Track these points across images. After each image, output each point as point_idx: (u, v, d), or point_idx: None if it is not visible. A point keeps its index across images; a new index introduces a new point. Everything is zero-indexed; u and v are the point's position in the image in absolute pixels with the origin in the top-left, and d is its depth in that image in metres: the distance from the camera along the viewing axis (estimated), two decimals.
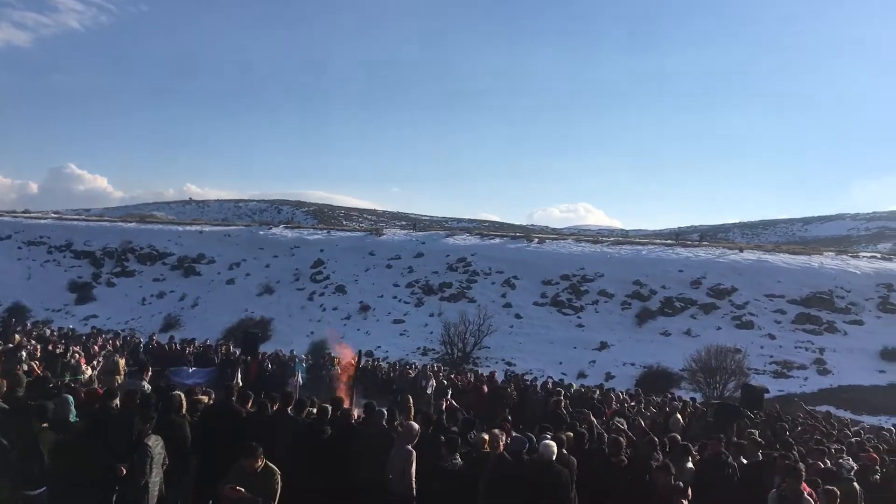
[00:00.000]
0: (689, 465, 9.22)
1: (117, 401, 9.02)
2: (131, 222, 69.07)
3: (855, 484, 9.05)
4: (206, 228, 64.61)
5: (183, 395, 9.29)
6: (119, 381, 14.60)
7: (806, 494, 7.70)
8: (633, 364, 38.08)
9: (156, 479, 7.54)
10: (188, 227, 64.99)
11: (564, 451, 8.55)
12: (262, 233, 61.88)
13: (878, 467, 9.94)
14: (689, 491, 7.77)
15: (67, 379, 13.66)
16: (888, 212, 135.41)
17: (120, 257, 56.58)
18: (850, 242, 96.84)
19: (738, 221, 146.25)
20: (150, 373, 12.87)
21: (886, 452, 11.48)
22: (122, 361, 16.54)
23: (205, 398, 10.08)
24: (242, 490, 6.81)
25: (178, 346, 23.02)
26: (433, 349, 40.61)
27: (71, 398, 8.51)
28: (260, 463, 7.09)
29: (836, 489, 7.69)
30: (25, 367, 12.80)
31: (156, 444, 7.52)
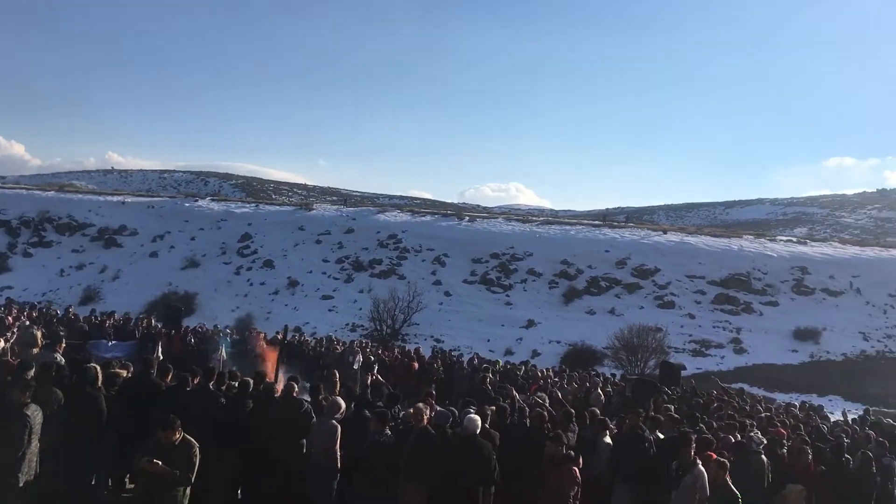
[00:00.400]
0: (607, 439, 9.45)
1: (31, 373, 8.71)
2: (49, 191, 66.32)
3: (763, 457, 9.42)
4: (129, 199, 62.68)
5: (98, 368, 9.02)
6: (32, 353, 14.08)
7: (699, 465, 7.99)
8: (558, 342, 38.80)
9: (34, 449, 7.28)
10: (110, 198, 62.89)
11: (487, 426, 8.66)
12: (187, 205, 60.35)
13: (784, 441, 10.39)
14: (580, 459, 8.00)
15: None
16: (805, 197, 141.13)
17: (37, 227, 54.40)
18: (768, 226, 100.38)
19: (663, 204, 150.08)
20: (63, 345, 12.43)
21: (793, 427, 12.01)
22: (39, 334, 15.95)
23: (123, 372, 9.80)
24: (160, 463, 6.65)
25: (98, 319, 22.31)
26: (362, 325, 40.53)
27: None
28: (178, 435, 6.93)
29: (726, 461, 7.98)
30: None
31: (35, 413, 7.23)
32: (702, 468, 7.95)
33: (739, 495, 7.80)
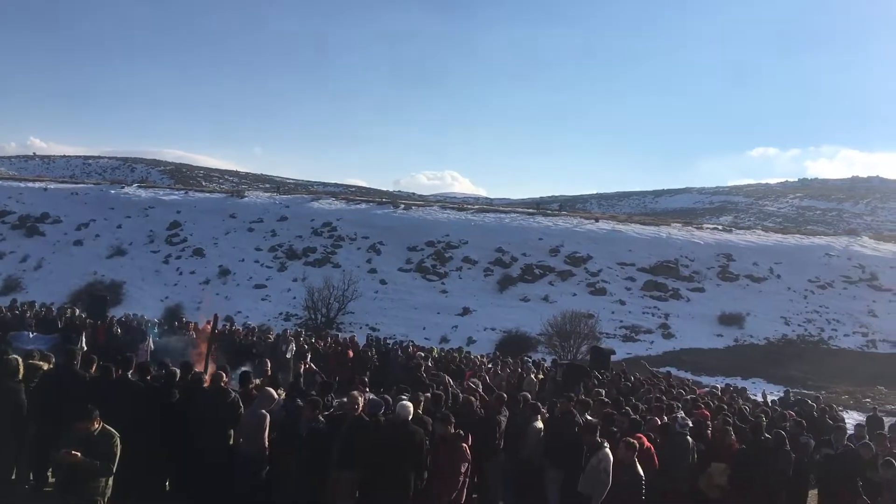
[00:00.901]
0: (538, 423, 9.58)
1: None
2: None
3: (688, 438, 9.73)
4: (52, 186, 60.46)
5: (20, 360, 8.70)
6: None
7: (606, 448, 8.25)
8: (493, 329, 39.16)
9: None
10: (31, 184, 60.57)
11: (420, 412, 8.69)
12: (113, 192, 58.54)
13: (709, 422, 10.73)
14: (470, 438, 8.14)
15: None
16: (730, 186, 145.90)
17: None
18: (695, 215, 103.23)
19: (595, 193, 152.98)
20: None
21: (717, 409, 12.41)
22: None
23: (44, 364, 9.46)
24: (78, 454, 6.47)
25: (19, 310, 21.50)
26: (296, 314, 40.12)
27: None
28: (96, 425, 6.75)
29: (634, 441, 8.23)
30: None
31: None
32: (607, 451, 8.21)
33: (643, 476, 8.05)
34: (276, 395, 8.79)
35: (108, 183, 68.19)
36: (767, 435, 10.16)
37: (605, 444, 8.35)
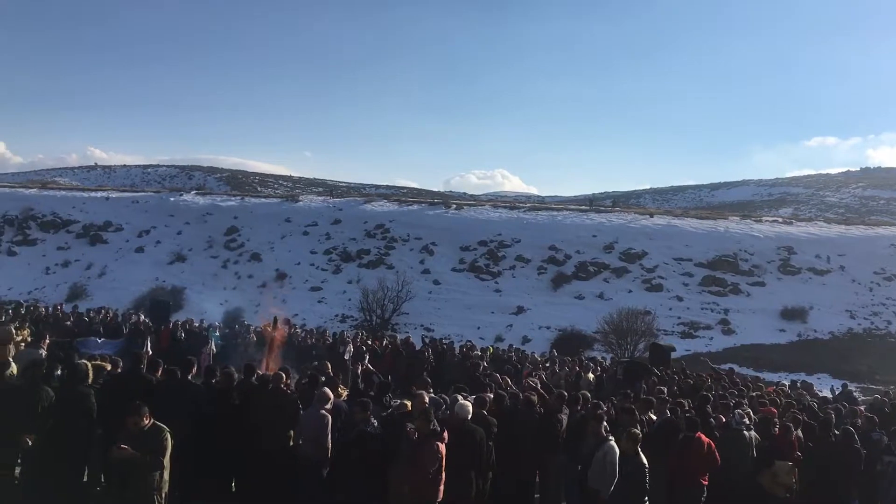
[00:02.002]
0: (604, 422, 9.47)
1: (12, 371, 8.69)
2: (32, 188, 65.71)
3: (745, 433, 9.54)
4: (114, 195, 62.19)
5: (89, 365, 8.99)
6: (12, 352, 13.98)
7: (611, 440, 8.15)
8: (548, 327, 38.89)
9: None
10: (94, 194, 62.37)
11: (485, 413, 8.68)
12: (172, 199, 59.92)
13: (776, 420, 10.48)
14: (445, 434, 7.93)
15: None
16: (789, 178, 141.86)
17: (21, 225, 53.85)
18: (753, 207, 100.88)
19: (649, 188, 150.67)
20: (47, 342, 12.37)
21: (786, 406, 12.12)
22: (14, 330, 15.85)
23: (107, 365, 9.75)
24: (128, 448, 6.71)
25: (87, 317, 22.21)
26: (352, 316, 40.49)
27: None
28: (146, 421, 6.99)
29: (638, 432, 8.08)
30: None
31: None
32: (612, 444, 8.13)
33: (647, 465, 7.95)
34: (331, 395, 8.90)
35: (168, 191, 69.88)
36: (836, 432, 9.89)
37: (611, 436, 8.26)
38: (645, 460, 7.94)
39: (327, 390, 8.97)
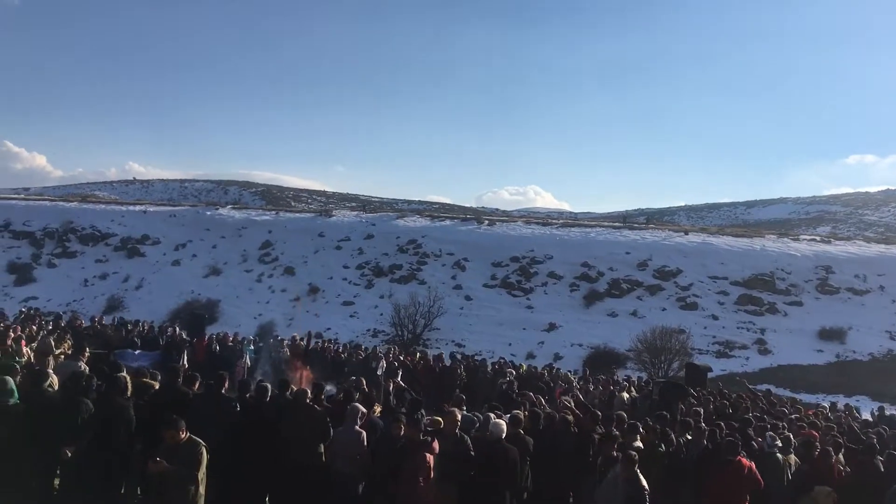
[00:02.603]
0: (638, 443, 9.35)
1: (52, 382, 8.81)
2: (72, 202, 67.07)
3: (779, 456, 9.33)
4: (151, 209, 63.24)
5: (128, 378, 9.10)
6: (51, 363, 14.21)
7: (624, 462, 7.91)
8: (580, 345, 38.61)
9: None
10: (132, 208, 63.51)
11: (521, 431, 8.61)
12: (208, 213, 60.78)
13: (817, 443, 10.24)
14: (435, 445, 7.90)
15: (4, 360, 13.20)
16: (827, 196, 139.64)
17: (61, 238, 55.01)
18: (790, 225, 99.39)
19: (683, 205, 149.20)
20: (87, 354, 12.54)
21: (827, 429, 11.85)
22: (53, 342, 16.12)
23: (154, 383, 9.86)
24: (163, 462, 6.79)
25: (124, 329, 22.49)
26: (383, 331, 40.57)
27: (10, 380, 8.24)
28: (183, 435, 7.06)
29: (635, 454, 7.83)
30: None
31: None
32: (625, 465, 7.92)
33: (647, 488, 7.70)
34: (363, 411, 8.89)
35: (204, 205, 70.82)
36: (880, 457, 9.63)
37: (619, 458, 8.11)
38: (645, 483, 7.74)
39: (359, 406, 8.97)
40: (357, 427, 8.58)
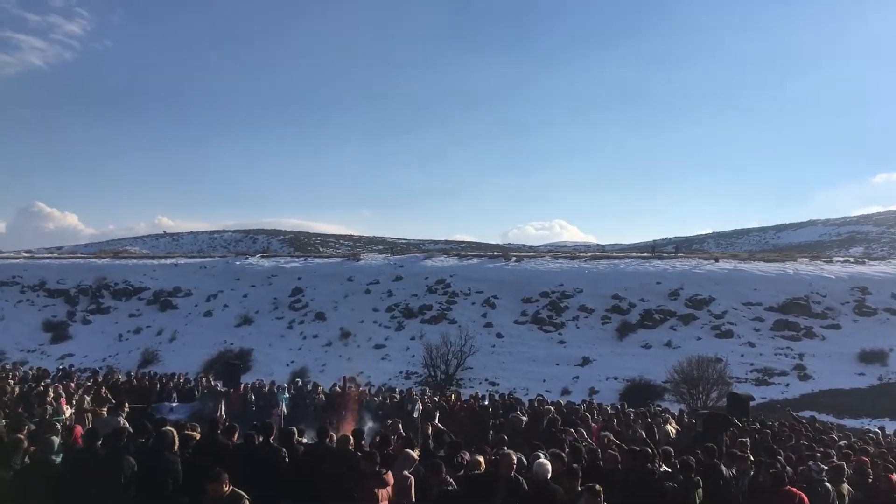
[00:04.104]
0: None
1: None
2: (105, 258, 68.25)
3: (827, 484, 9.08)
4: (182, 261, 64.03)
5: (175, 432, 9.13)
6: (89, 419, 14.33)
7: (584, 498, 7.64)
8: (616, 378, 38.13)
9: None
10: (163, 261, 64.36)
11: (569, 471, 8.43)
12: (238, 263, 61.40)
13: (869, 469, 9.97)
14: (389, 477, 7.85)
15: (47, 418, 13.34)
16: (858, 216, 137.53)
17: (95, 294, 55.83)
18: (822, 248, 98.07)
19: (711, 232, 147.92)
20: (126, 409, 12.64)
21: (879, 454, 11.54)
22: (91, 399, 16.31)
23: (195, 434, 9.88)
24: None
25: (159, 382, 22.68)
26: (416, 372, 40.41)
27: (56, 438, 8.32)
28: (226, 488, 7.03)
29: (599, 487, 7.53)
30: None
31: None
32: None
33: None
34: (416, 457, 8.80)
35: (233, 255, 71.66)
36: None
37: (584, 493, 7.89)
38: None
39: (412, 452, 8.88)
40: (406, 472, 8.47)
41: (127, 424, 11.15)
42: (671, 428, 15.34)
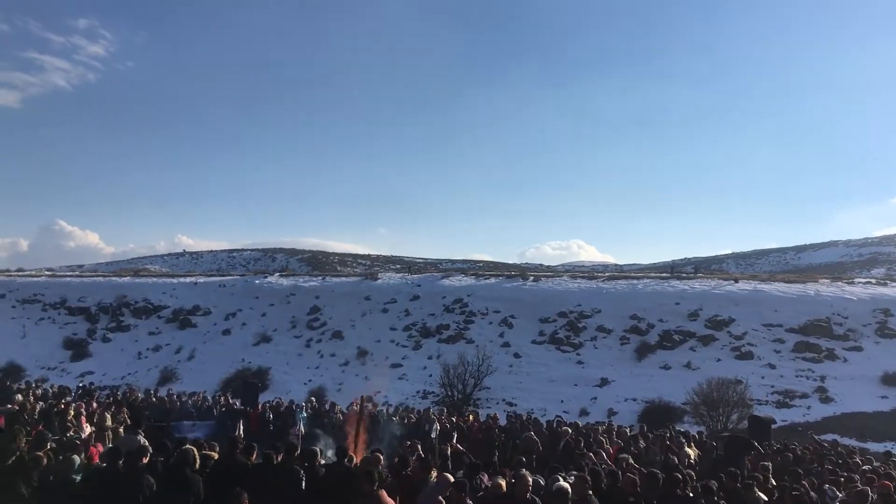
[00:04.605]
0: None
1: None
2: (125, 276, 68.83)
3: None
4: (201, 280, 64.42)
5: (195, 451, 9.18)
6: (109, 438, 14.42)
7: None
8: (634, 399, 37.81)
9: None
10: (183, 279, 64.80)
11: (590, 493, 8.39)
12: (257, 282, 61.71)
13: (894, 495, 9.82)
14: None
15: (68, 436, 13.44)
16: (879, 237, 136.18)
17: (115, 312, 56.27)
18: (843, 269, 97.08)
19: (731, 252, 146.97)
20: (144, 428, 12.71)
21: None
22: (109, 416, 16.40)
23: (214, 454, 9.91)
24: None
25: (178, 400, 22.78)
26: (433, 392, 40.28)
27: (76, 457, 8.38)
28: None
29: None
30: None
31: None
32: None
33: None
34: (451, 479, 8.71)
35: (252, 274, 72.02)
36: None
37: None
38: None
39: (449, 476, 8.82)
40: (440, 497, 8.42)
41: (146, 443, 11.22)
42: (691, 451, 15.14)
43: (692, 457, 14.55)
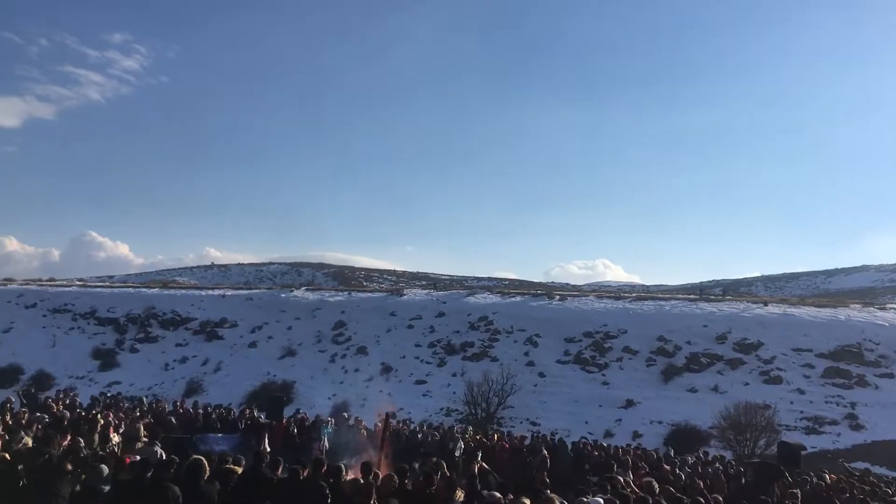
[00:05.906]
0: None
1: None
2: (154, 288, 69.59)
3: None
4: (229, 292, 64.95)
5: (206, 462, 9.22)
6: (139, 448, 14.55)
7: None
8: (660, 422, 37.39)
9: None
10: (210, 292, 65.34)
11: None
12: (283, 295, 62.09)
13: None
14: None
15: (96, 447, 13.59)
16: None
17: (143, 323, 56.87)
18: (875, 294, 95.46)
19: (760, 275, 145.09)
20: (160, 439, 12.81)
21: None
22: (141, 427, 16.55)
23: (237, 468, 9.95)
24: None
25: (203, 412, 22.90)
26: (457, 409, 40.14)
27: (105, 467, 8.46)
28: None
29: None
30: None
31: None
32: None
33: None
34: (501, 499, 8.56)
35: (279, 287, 72.50)
36: None
37: None
38: None
39: (498, 495, 8.69)
40: None
41: (163, 454, 11.29)
42: (724, 478, 14.91)
43: (723, 482, 14.35)
